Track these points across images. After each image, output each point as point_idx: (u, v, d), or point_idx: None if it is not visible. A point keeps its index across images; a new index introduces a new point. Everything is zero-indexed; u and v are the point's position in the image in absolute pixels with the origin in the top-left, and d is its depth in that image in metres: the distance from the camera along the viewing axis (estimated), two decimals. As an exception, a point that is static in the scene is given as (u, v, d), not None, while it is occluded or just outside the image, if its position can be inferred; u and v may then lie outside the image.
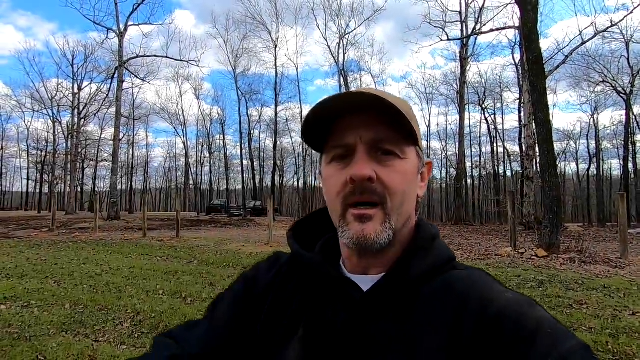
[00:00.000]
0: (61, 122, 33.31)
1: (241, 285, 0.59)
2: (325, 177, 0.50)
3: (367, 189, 0.45)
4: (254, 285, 0.58)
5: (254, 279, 0.59)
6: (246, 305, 0.56)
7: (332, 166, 0.49)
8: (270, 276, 0.58)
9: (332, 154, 0.49)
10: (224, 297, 0.60)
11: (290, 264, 0.58)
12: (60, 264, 6.68)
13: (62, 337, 3.32)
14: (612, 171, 36.85)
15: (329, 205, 0.51)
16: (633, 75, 23.07)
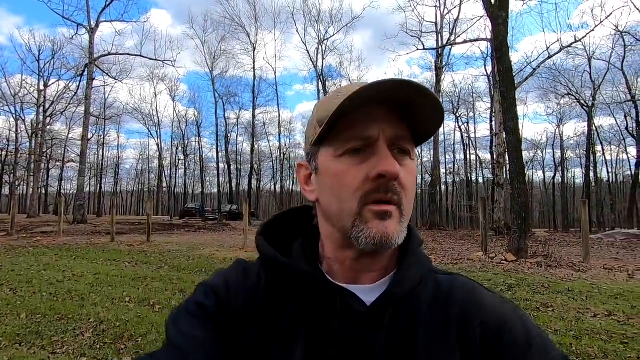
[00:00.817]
0: (24, 120, 31.60)
1: (212, 301, 0.48)
2: (334, 172, 0.45)
3: (391, 188, 0.43)
4: (228, 300, 0.48)
5: (227, 292, 0.49)
6: (223, 326, 0.46)
7: (345, 160, 0.44)
8: (248, 290, 0.49)
9: (347, 147, 0.44)
10: (190, 315, 0.47)
11: (269, 275, 0.50)
12: (18, 270, 6.26)
13: (15, 350, 3.09)
14: (575, 179, 38.91)
15: (333, 203, 0.45)
16: (594, 89, 24.52)
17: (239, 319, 0.47)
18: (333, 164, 0.45)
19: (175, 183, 44.11)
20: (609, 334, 3.50)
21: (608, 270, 6.71)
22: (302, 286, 0.47)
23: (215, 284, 0.50)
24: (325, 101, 0.47)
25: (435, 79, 21.68)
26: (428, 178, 30.80)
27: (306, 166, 0.51)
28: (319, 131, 0.45)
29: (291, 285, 0.48)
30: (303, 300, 0.47)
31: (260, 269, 0.51)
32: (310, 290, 0.46)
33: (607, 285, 5.52)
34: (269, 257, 0.50)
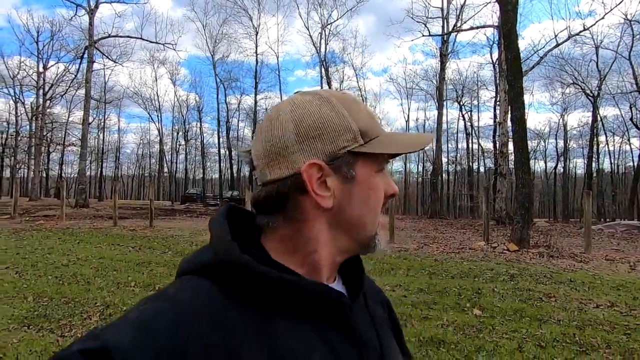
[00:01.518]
0: (24, 103, 31.37)
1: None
2: (374, 187, 0.48)
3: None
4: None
5: (183, 355, 0.35)
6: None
7: (380, 177, 0.49)
8: (220, 327, 0.38)
9: (382, 166, 0.49)
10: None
11: (242, 294, 0.41)
12: (22, 253, 6.30)
13: (24, 332, 3.12)
14: (576, 170, 38.81)
15: (370, 214, 0.48)
16: (601, 79, 24.21)
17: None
18: (374, 179, 0.48)
19: (176, 168, 44.13)
20: (612, 325, 3.53)
21: (610, 261, 6.74)
22: (302, 299, 0.43)
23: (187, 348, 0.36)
24: (357, 109, 0.47)
25: (439, 66, 21.37)
26: (430, 167, 30.75)
27: (322, 167, 0.44)
28: (361, 142, 0.46)
29: (282, 299, 0.42)
30: (300, 312, 0.43)
31: (213, 295, 0.40)
32: (314, 300, 0.43)
33: (609, 276, 5.55)
34: (271, 276, 0.41)
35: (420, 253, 7.37)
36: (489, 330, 3.38)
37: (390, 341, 0.55)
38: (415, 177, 44.45)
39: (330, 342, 0.43)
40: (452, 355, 2.87)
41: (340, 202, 0.45)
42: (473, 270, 5.69)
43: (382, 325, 0.55)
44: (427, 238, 10.18)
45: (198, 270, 0.43)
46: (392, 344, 0.55)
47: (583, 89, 25.18)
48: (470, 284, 4.94)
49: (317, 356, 0.41)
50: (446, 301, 4.18)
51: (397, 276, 5.34)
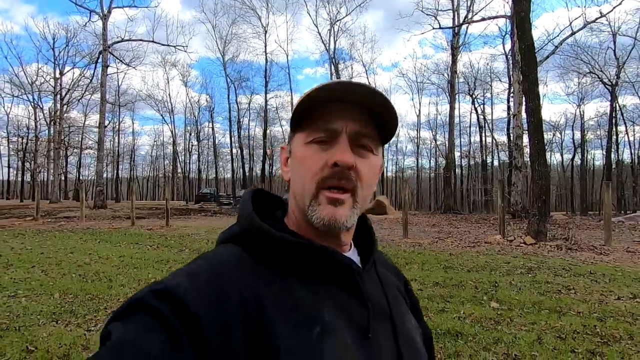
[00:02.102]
0: (42, 108, 32.29)
1: (220, 305, 0.42)
2: (300, 156, 0.51)
3: (345, 176, 0.48)
4: (226, 303, 0.42)
5: (221, 295, 0.42)
6: (251, 328, 0.42)
7: (311, 147, 0.50)
8: (248, 279, 0.45)
9: (314, 136, 0.49)
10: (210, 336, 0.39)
11: (262, 258, 0.48)
12: (47, 253, 6.53)
13: (53, 327, 3.25)
14: (595, 161, 37.79)
15: (298, 183, 0.51)
16: (619, 67, 23.49)
17: (254, 313, 0.43)
18: (301, 149, 0.51)
19: (190, 168, 44.76)
20: (634, 317, 3.46)
21: (631, 253, 6.58)
22: (314, 260, 0.48)
23: (197, 291, 0.42)
24: (307, 91, 0.52)
25: (451, 59, 21.08)
26: (442, 161, 30.39)
27: (286, 149, 0.56)
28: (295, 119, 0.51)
29: (297, 261, 0.48)
30: (314, 274, 0.48)
31: (241, 256, 0.48)
32: (324, 262, 0.49)
33: (631, 268, 5.42)
34: (285, 239, 0.48)
35: (435, 247, 7.33)
36: (507, 322, 3.36)
37: (401, 307, 0.57)
38: (427, 173, 43.99)
39: (339, 300, 0.48)
40: (470, 347, 2.87)
41: (291, 174, 0.53)
42: (489, 264, 5.64)
43: (394, 292, 0.58)
44: (441, 233, 10.10)
45: (229, 240, 0.52)
46: (402, 310, 0.57)
47: (600, 78, 24.46)
48: (486, 277, 4.90)
49: (326, 313, 0.46)
50: (463, 294, 4.16)
51: (412, 270, 5.33)
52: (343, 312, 0.47)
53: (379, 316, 0.51)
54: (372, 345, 0.48)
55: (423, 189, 44.61)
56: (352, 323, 0.47)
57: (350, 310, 0.48)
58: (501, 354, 2.76)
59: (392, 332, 0.52)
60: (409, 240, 8.32)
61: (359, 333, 0.47)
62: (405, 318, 0.56)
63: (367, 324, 0.48)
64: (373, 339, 0.48)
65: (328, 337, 0.44)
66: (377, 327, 0.49)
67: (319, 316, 0.45)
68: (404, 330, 0.54)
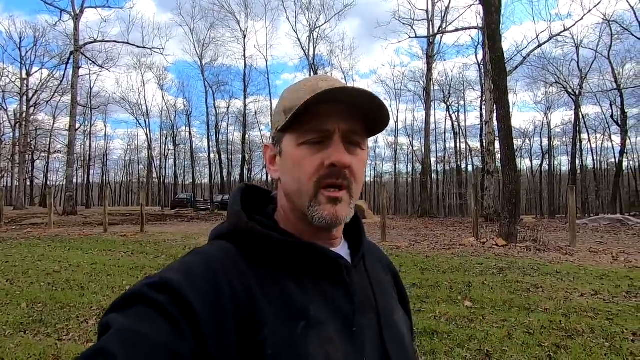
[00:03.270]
0: (7, 110, 30.66)
1: (214, 301, 0.43)
2: (294, 158, 0.51)
3: (342, 175, 0.50)
4: (220, 295, 0.44)
5: (215, 287, 0.44)
6: (236, 324, 0.43)
7: (305, 148, 0.51)
8: (239, 273, 0.47)
9: (307, 137, 0.50)
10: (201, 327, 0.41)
11: (251, 255, 0.50)
12: (12, 261, 6.21)
13: (21, 337, 3.11)
14: (561, 167, 39.72)
15: (293, 184, 0.51)
16: (582, 78, 24.89)
17: (242, 311, 0.44)
18: (294, 151, 0.51)
19: (165, 173, 43.65)
20: (595, 312, 3.68)
21: (593, 253, 6.97)
22: (302, 257, 0.50)
23: (191, 284, 0.44)
24: (292, 91, 0.54)
25: (426, 68, 21.71)
26: (419, 167, 31.09)
27: (271, 148, 0.56)
28: (284, 119, 0.51)
29: (285, 258, 0.50)
30: (301, 270, 0.50)
31: (231, 252, 0.50)
32: (311, 258, 0.51)
33: (593, 267, 5.75)
34: (272, 237, 0.50)
35: (412, 250, 7.50)
36: (479, 320, 3.50)
37: (389, 301, 0.59)
38: (405, 178, 44.82)
39: (327, 295, 0.50)
40: (445, 344, 2.97)
41: (281, 175, 0.54)
42: (463, 265, 5.83)
43: (382, 286, 0.60)
44: (418, 236, 10.33)
45: (220, 236, 0.54)
46: (391, 303, 0.59)
47: (565, 88, 25.87)
48: (461, 277, 5.07)
49: (313, 307, 0.48)
50: (438, 294, 4.29)
51: (390, 273, 5.44)
52: (330, 306, 0.49)
53: (365, 310, 0.52)
54: (357, 338, 0.49)
55: (401, 194, 45.40)
56: (338, 317, 0.49)
57: (337, 304, 0.50)
58: (474, 350, 2.88)
59: (378, 326, 0.53)
60: (387, 243, 8.46)
61: (344, 326, 0.49)
62: (393, 311, 0.58)
63: (352, 318, 0.50)
64: (358, 332, 0.50)
65: (313, 331, 0.46)
66: (363, 321, 0.51)
67: (305, 311, 0.47)
68: (390, 323, 0.55)
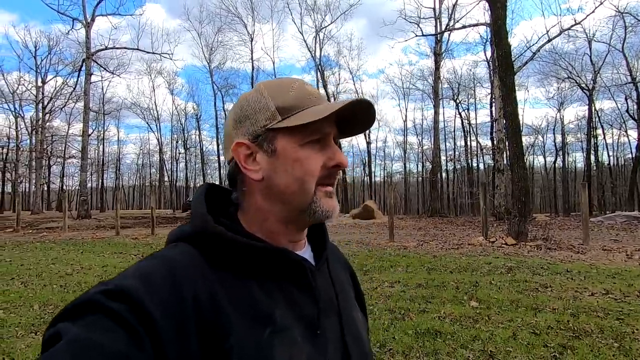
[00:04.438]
0: (24, 117, 31.58)
1: (173, 308, 0.42)
2: (297, 158, 0.51)
3: (336, 175, 0.54)
4: (181, 302, 0.42)
5: (175, 295, 0.43)
6: (200, 331, 0.42)
7: (307, 149, 0.52)
8: (202, 279, 0.46)
9: (310, 138, 0.51)
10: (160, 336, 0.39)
11: (214, 259, 0.49)
12: (27, 264, 6.39)
13: (32, 339, 3.20)
14: (576, 164, 38.86)
15: (294, 183, 0.51)
16: (595, 72, 24.31)
17: (206, 314, 0.43)
18: (297, 151, 0.51)
19: (177, 177, 44.23)
20: (606, 311, 3.60)
21: (607, 251, 6.80)
22: (268, 261, 0.50)
23: (148, 290, 0.41)
24: (281, 91, 0.53)
25: (434, 66, 21.52)
26: (429, 166, 30.80)
27: (248, 146, 0.53)
28: (279, 119, 0.51)
29: (251, 262, 0.49)
30: (267, 274, 0.50)
31: (194, 256, 0.48)
32: (278, 263, 0.51)
33: (605, 265, 5.62)
34: (239, 242, 0.49)
35: (420, 250, 7.44)
36: (485, 320, 3.46)
37: (349, 300, 0.61)
38: (415, 177, 44.47)
39: (291, 298, 0.50)
40: (448, 345, 2.94)
41: (269, 174, 0.52)
42: (471, 265, 5.76)
43: (343, 286, 0.62)
44: (426, 236, 10.24)
45: (180, 239, 0.51)
46: (350, 304, 0.61)
47: (578, 83, 25.30)
48: (468, 277, 5.01)
49: (278, 312, 0.48)
50: (444, 295, 4.25)
51: (396, 273, 5.41)
52: (294, 309, 0.50)
53: (328, 312, 0.54)
54: (320, 341, 0.50)
55: (411, 193, 45.04)
56: (302, 320, 0.50)
57: (302, 307, 0.51)
58: (478, 351, 2.85)
59: (340, 328, 0.54)
60: (395, 243, 8.42)
61: (308, 329, 0.50)
62: (353, 314, 0.60)
63: (317, 321, 0.51)
64: (321, 334, 0.51)
65: (279, 336, 0.46)
66: (326, 323, 0.52)
67: (271, 316, 0.47)
68: (351, 325, 0.57)
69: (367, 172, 38.23)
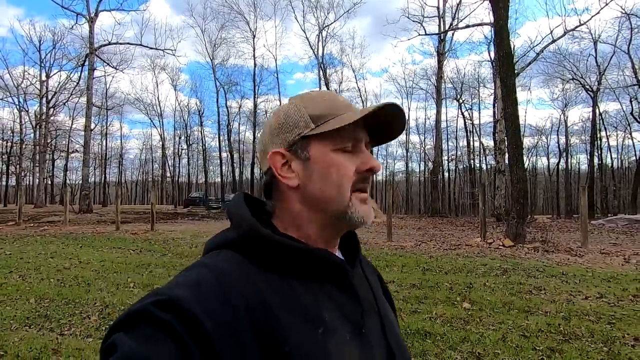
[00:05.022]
0: (28, 111, 31.71)
1: (226, 323, 0.42)
2: (331, 164, 0.53)
3: (369, 180, 0.55)
4: (233, 311, 0.43)
5: (227, 303, 0.43)
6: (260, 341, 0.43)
7: (340, 154, 0.53)
8: (252, 286, 0.46)
9: (343, 144, 0.53)
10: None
11: (259, 263, 0.49)
12: (26, 258, 6.45)
13: (25, 332, 3.25)
14: (580, 165, 38.59)
15: (331, 189, 0.52)
16: (600, 74, 24.12)
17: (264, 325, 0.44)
18: (330, 157, 0.53)
19: (179, 172, 44.37)
20: (598, 315, 3.60)
21: (605, 254, 6.78)
22: (311, 263, 0.51)
23: (202, 307, 0.41)
24: (316, 100, 0.55)
25: (437, 65, 21.42)
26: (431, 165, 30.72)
27: (283, 154, 0.54)
28: (312, 127, 0.53)
29: (296, 264, 0.50)
30: (310, 276, 0.51)
31: (242, 262, 0.49)
32: (321, 264, 0.52)
33: (602, 269, 5.60)
34: (285, 244, 0.50)
35: (417, 250, 7.44)
36: (476, 322, 3.47)
37: (384, 303, 0.63)
38: (417, 177, 44.36)
39: (334, 299, 0.51)
40: (437, 346, 2.96)
41: (304, 181, 0.53)
42: (467, 266, 5.76)
43: (377, 288, 0.63)
44: (425, 236, 10.24)
45: (223, 246, 0.52)
46: (386, 305, 0.63)
47: (583, 85, 25.10)
48: (462, 278, 5.01)
49: (326, 313, 0.49)
50: (437, 295, 4.26)
51: (391, 273, 5.42)
52: (339, 310, 0.50)
53: (369, 312, 0.55)
54: (366, 340, 0.51)
55: (413, 193, 44.94)
56: (347, 320, 0.50)
57: (345, 308, 0.51)
58: (466, 352, 2.86)
59: (381, 326, 0.56)
60: (393, 243, 8.42)
61: (354, 329, 0.50)
62: (388, 312, 0.61)
63: (361, 320, 0.52)
64: (366, 334, 0.52)
65: (331, 335, 0.47)
66: (369, 323, 0.53)
67: (321, 316, 0.48)
68: (389, 324, 0.58)
69: (369, 171, 38.04)
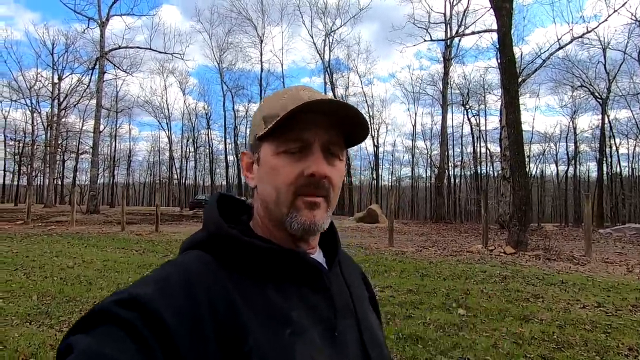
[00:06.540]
0: (40, 113, 32.44)
1: (188, 315, 0.41)
2: (272, 166, 0.51)
3: (321, 185, 0.50)
4: (196, 308, 0.42)
5: (191, 300, 0.42)
6: (220, 334, 0.42)
7: (283, 157, 0.51)
8: (217, 284, 0.46)
9: (286, 147, 0.50)
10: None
11: (231, 264, 0.49)
12: (32, 256, 6.59)
13: (26, 328, 3.33)
14: (589, 173, 38.06)
15: (270, 193, 0.51)
16: (609, 81, 23.88)
17: (225, 320, 0.43)
18: (272, 159, 0.51)
19: (186, 175, 44.81)
20: (594, 324, 3.57)
21: (607, 263, 6.70)
22: (283, 264, 0.50)
23: (165, 301, 0.41)
24: (272, 100, 0.54)
25: (443, 71, 21.41)
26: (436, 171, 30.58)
27: (249, 155, 0.56)
28: (263, 127, 0.51)
29: (266, 265, 0.50)
30: (282, 277, 0.50)
31: (209, 261, 0.49)
32: (293, 265, 0.51)
33: (603, 278, 5.54)
34: (253, 244, 0.49)
35: (417, 256, 7.43)
36: (469, 328, 3.46)
37: (363, 304, 0.60)
38: (423, 182, 44.15)
39: (307, 300, 0.50)
40: (427, 351, 2.96)
41: (258, 182, 0.54)
42: (466, 272, 5.74)
43: (357, 289, 0.61)
44: (427, 242, 10.21)
45: (195, 246, 0.52)
46: (365, 306, 0.60)
47: (592, 92, 24.86)
48: (460, 285, 5.00)
49: (295, 314, 0.48)
50: (433, 301, 4.26)
51: (389, 278, 5.42)
52: (311, 312, 0.49)
53: (344, 314, 0.53)
54: (339, 343, 0.50)
55: (419, 198, 44.71)
56: (320, 322, 0.49)
57: (319, 310, 0.50)
58: (456, 358, 2.86)
59: (357, 329, 0.54)
60: (394, 248, 8.41)
61: (326, 331, 0.49)
62: (368, 315, 0.59)
63: (334, 322, 0.51)
64: (340, 336, 0.50)
65: (299, 337, 0.46)
66: (344, 325, 0.52)
67: (289, 317, 0.47)
68: (368, 327, 0.56)
69: (374, 176, 38.13)
